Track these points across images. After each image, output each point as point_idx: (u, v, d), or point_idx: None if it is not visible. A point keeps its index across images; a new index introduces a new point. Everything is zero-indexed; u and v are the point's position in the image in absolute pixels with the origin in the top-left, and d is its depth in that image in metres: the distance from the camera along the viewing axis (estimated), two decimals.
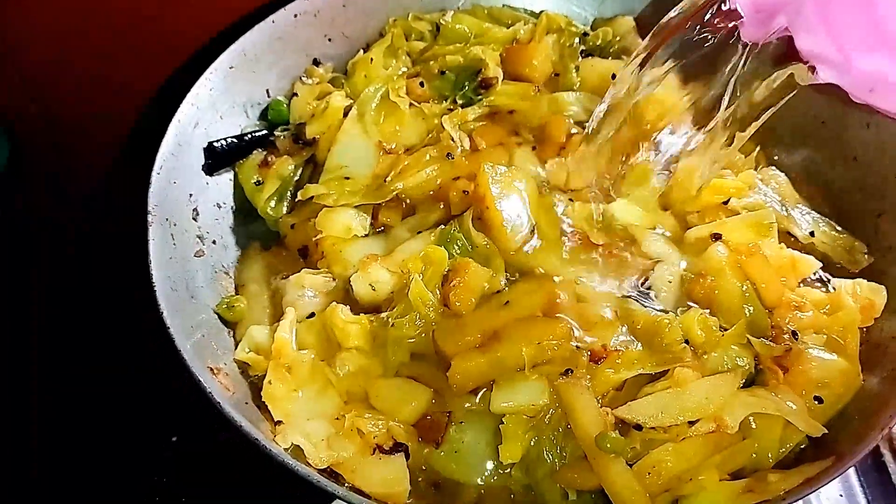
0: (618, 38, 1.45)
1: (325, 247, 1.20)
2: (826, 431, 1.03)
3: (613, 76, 1.35)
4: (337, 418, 1.04)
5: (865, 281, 1.18)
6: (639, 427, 1.00)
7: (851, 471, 1.33)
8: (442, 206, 1.24)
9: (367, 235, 1.22)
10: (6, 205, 1.70)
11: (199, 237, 1.22)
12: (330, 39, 1.43)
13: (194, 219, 1.22)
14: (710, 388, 1.01)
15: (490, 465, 1.03)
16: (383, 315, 1.10)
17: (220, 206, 1.28)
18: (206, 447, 1.35)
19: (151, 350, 1.40)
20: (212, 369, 1.04)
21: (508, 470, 1.02)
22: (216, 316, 1.16)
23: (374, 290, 1.13)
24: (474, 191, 1.20)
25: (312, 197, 1.24)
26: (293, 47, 1.39)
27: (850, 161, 1.34)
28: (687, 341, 1.06)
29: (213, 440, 1.34)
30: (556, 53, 1.40)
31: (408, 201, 1.26)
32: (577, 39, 1.42)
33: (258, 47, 1.34)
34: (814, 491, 0.95)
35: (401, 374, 1.09)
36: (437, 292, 1.11)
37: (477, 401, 1.06)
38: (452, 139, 1.27)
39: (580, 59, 1.41)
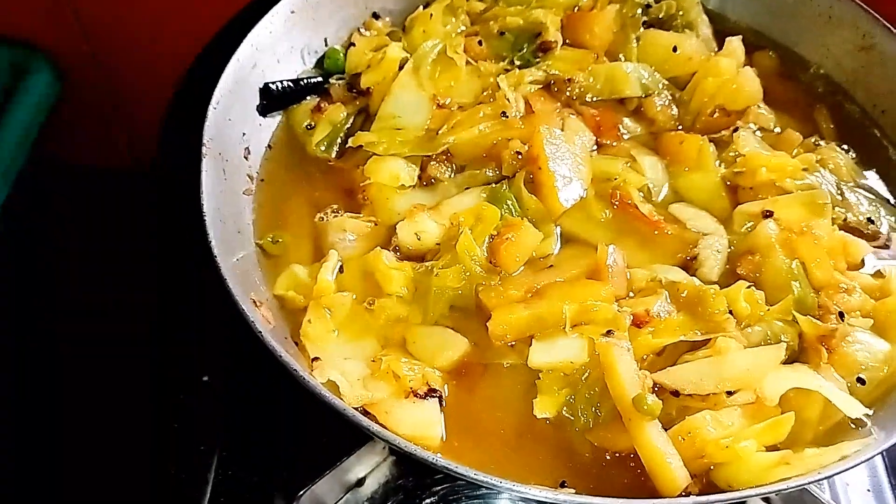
0: (681, 13, 1.43)
1: (371, 193, 1.20)
2: (867, 412, 1.02)
3: (675, 49, 1.35)
4: (374, 360, 1.05)
5: None
6: (676, 393, 1.00)
7: (881, 466, 1.32)
8: (493, 166, 1.24)
9: (413, 187, 1.22)
10: (55, 144, 1.72)
11: (249, 176, 1.23)
12: None
13: (245, 157, 1.23)
14: (752, 360, 1.01)
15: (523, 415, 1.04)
16: (428, 264, 1.11)
17: (270, 148, 1.29)
18: (239, 389, 1.37)
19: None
20: (254, 301, 1.05)
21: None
22: (261, 251, 1.17)
23: (419, 239, 1.14)
24: (528, 151, 1.20)
25: (362, 145, 1.24)
26: None
27: None
28: (731, 312, 1.06)
29: (246, 381, 1.37)
30: (618, 23, 1.39)
31: (457, 158, 1.25)
32: (639, 10, 1.40)
33: None
34: (848, 469, 0.95)
35: (440, 325, 1.10)
36: (484, 248, 1.11)
37: (514, 355, 1.06)
38: (507, 99, 1.26)
39: (642, 30, 1.39)
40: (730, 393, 0.99)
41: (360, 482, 1.22)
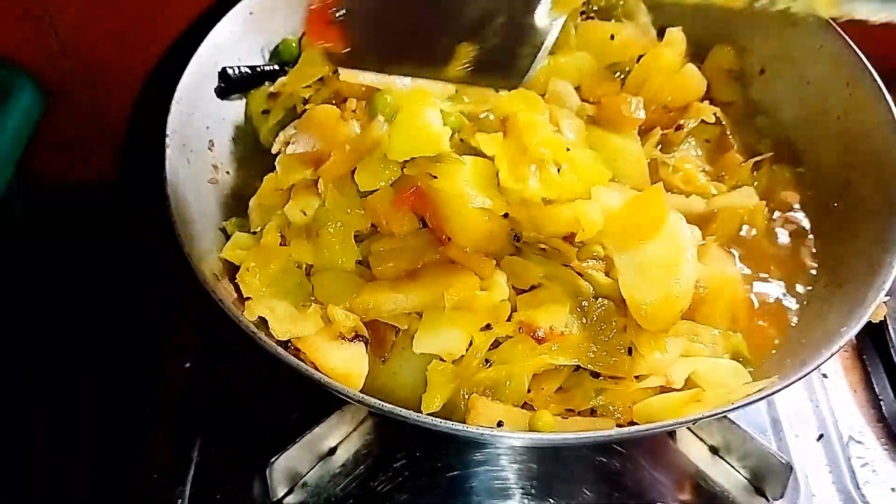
0: (621, 3, 1.49)
1: None
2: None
3: (612, 37, 1.42)
4: (304, 305, 1.13)
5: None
6: (597, 374, 1.09)
7: (829, 417, 1.40)
8: None
9: None
10: (38, 162, 1.79)
11: (214, 166, 1.32)
12: None
13: (210, 149, 1.32)
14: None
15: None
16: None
17: (234, 141, 1.38)
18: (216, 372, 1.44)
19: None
20: (216, 275, 1.13)
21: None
22: (223, 234, 1.25)
23: (305, 214, 1.20)
24: None
25: None
26: None
27: (834, 119, 1.40)
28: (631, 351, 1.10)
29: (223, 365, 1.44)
30: None
31: None
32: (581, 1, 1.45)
33: None
34: (758, 401, 1.04)
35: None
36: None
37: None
38: None
39: (579, 20, 1.45)
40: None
41: (332, 451, 1.30)
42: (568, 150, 1.17)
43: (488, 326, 1.08)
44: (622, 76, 1.43)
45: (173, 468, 1.33)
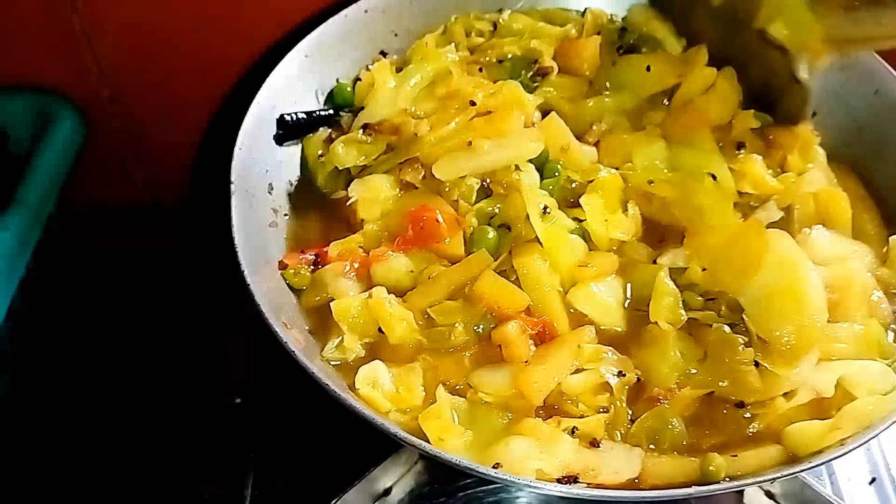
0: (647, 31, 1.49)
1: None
2: None
3: (648, 68, 1.42)
4: None
5: None
6: (741, 404, 1.10)
7: (881, 460, 1.42)
8: None
9: None
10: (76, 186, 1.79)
11: (274, 209, 1.32)
12: (396, 34, 1.53)
13: (269, 192, 1.32)
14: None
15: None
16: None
17: (291, 183, 1.38)
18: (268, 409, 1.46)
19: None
20: (285, 324, 1.12)
21: None
22: (285, 281, 1.24)
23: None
24: None
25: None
26: (363, 40, 1.49)
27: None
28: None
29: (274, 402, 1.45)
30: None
31: None
32: (617, 35, 1.48)
33: (331, 38, 1.44)
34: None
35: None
36: None
37: None
38: None
39: (617, 55, 1.45)
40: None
41: (387, 492, 1.30)
42: None
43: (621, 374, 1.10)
44: (667, 102, 1.43)
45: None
